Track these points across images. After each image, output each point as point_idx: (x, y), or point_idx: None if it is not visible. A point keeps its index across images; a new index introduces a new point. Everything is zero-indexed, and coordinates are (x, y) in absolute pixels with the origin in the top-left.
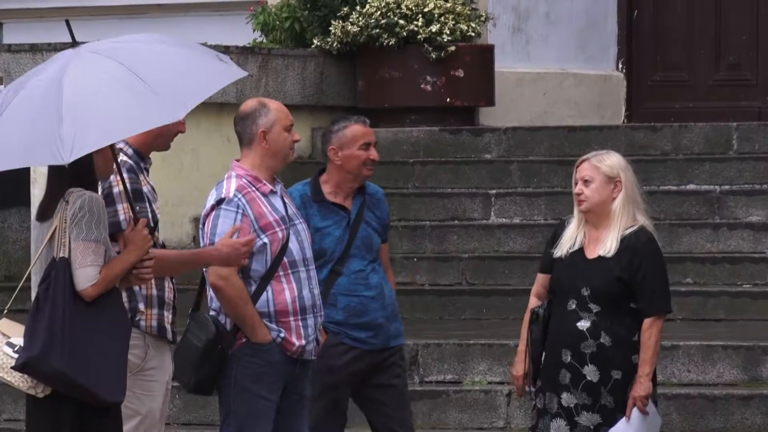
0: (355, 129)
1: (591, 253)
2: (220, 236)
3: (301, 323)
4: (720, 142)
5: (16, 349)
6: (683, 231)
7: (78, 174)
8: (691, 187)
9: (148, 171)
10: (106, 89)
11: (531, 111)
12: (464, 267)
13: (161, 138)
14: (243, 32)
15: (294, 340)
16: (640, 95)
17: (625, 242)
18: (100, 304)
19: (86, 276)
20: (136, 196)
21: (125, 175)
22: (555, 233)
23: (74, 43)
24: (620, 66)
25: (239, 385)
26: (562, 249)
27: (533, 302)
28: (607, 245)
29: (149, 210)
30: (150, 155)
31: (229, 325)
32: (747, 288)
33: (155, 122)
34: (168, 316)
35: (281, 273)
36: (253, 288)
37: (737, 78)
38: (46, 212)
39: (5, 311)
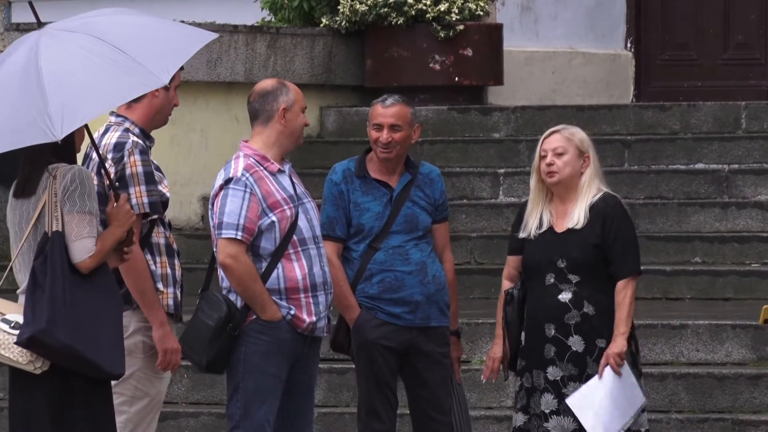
0: (372, 110)
1: (560, 227)
2: (229, 216)
3: (311, 300)
4: (728, 122)
5: (12, 325)
6: (692, 210)
7: (60, 149)
8: (700, 166)
9: (150, 150)
10: (87, 63)
11: (539, 90)
12: (473, 246)
13: (161, 113)
14: (251, 11)
15: (305, 316)
16: (649, 74)
17: (594, 210)
18: (94, 278)
19: (84, 248)
20: (149, 179)
21: (138, 158)
22: (520, 213)
23: (39, 24)
24: (629, 45)
25: (248, 361)
26: (529, 229)
27: (506, 285)
28: (575, 218)
29: (158, 191)
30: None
31: (239, 303)
32: (755, 267)
33: (140, 90)
34: (179, 294)
35: (291, 251)
36: (264, 266)
37: (746, 57)
38: (26, 188)
39: None
